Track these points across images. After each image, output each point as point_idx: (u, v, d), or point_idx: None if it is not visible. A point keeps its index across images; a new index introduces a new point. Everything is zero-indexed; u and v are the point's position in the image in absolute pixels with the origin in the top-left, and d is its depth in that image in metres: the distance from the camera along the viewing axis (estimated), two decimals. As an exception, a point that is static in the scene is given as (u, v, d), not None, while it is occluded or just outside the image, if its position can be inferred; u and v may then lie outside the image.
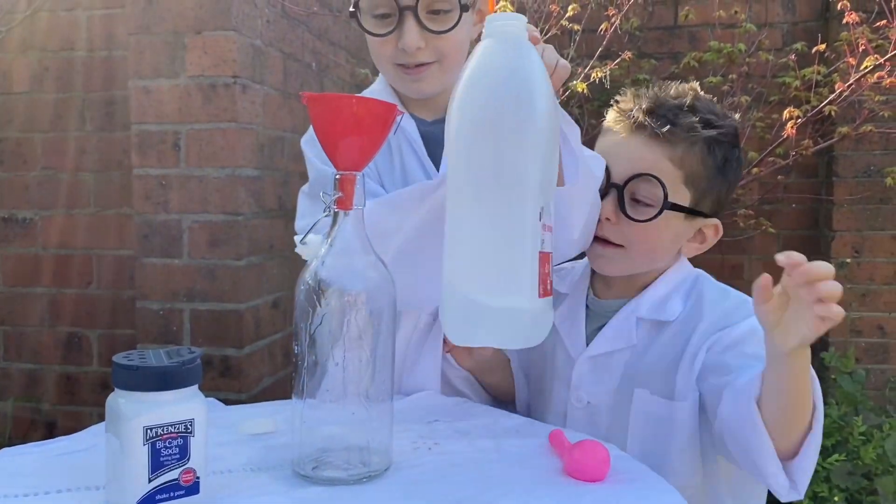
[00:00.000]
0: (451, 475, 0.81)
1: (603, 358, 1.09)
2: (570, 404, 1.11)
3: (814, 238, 2.68)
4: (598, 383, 1.09)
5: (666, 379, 1.04)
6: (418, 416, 1.01)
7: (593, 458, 0.80)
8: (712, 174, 1.06)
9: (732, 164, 1.08)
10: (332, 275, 0.79)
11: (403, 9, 1.04)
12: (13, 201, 2.40)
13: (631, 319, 1.08)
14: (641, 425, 1.05)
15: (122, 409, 0.68)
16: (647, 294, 1.10)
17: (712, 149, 1.05)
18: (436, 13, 1.05)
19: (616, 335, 1.09)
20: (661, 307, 1.08)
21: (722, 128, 1.06)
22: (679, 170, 1.05)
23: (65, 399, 2.41)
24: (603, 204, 1.06)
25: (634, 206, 1.05)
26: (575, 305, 1.16)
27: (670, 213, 1.04)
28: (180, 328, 2.00)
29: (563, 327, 1.14)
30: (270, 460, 0.84)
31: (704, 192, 1.06)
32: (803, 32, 2.63)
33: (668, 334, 1.06)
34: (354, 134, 0.80)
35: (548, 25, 2.30)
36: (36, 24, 2.33)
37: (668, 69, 2.62)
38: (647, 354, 1.07)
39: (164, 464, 0.69)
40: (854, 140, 2.44)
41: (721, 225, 1.11)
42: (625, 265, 1.10)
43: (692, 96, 1.09)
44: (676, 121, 1.04)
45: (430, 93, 1.13)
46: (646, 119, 1.05)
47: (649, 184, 1.03)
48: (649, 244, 1.07)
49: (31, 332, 2.42)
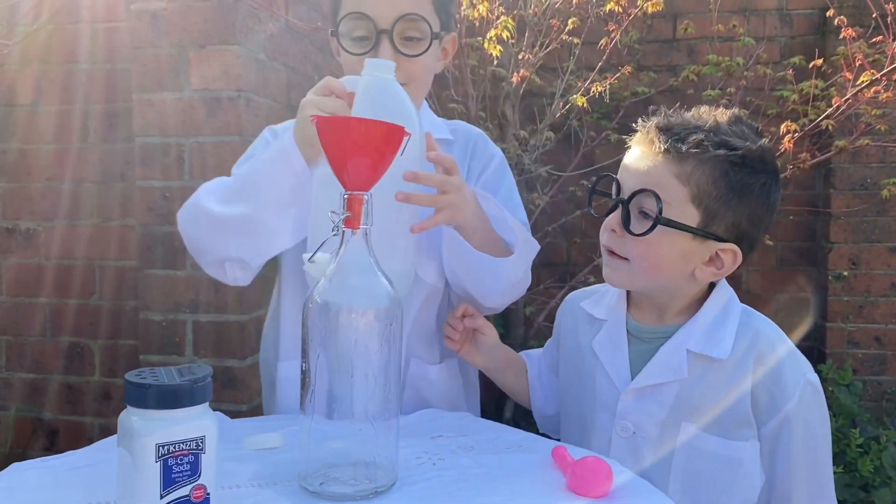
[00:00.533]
0: (456, 490, 0.82)
1: (650, 389, 1.07)
2: (614, 434, 1.09)
3: (811, 249, 2.70)
4: (645, 414, 1.08)
5: (717, 417, 1.04)
6: (422, 432, 1.02)
7: (596, 474, 0.81)
8: (726, 196, 1.02)
9: (754, 190, 1.03)
10: (340, 293, 0.81)
11: (380, 32, 1.16)
12: (16, 212, 2.42)
13: (681, 351, 1.06)
14: (685, 460, 1.04)
15: (135, 426, 0.70)
16: (695, 324, 1.08)
17: (726, 171, 1.01)
18: (409, 39, 1.18)
19: (665, 367, 1.07)
20: (711, 341, 1.06)
21: (739, 150, 1.02)
22: (685, 187, 1.02)
23: (66, 409, 2.41)
24: (611, 216, 1.08)
25: (639, 220, 1.05)
26: (615, 331, 1.15)
27: (670, 231, 1.02)
28: (182, 339, 2.01)
29: (604, 355, 1.14)
30: (278, 475, 0.85)
31: (715, 213, 1.03)
32: (801, 46, 2.66)
33: (721, 372, 1.05)
34: (362, 155, 0.82)
35: (548, 39, 2.32)
36: (40, 38, 2.34)
37: (666, 82, 2.64)
38: (698, 389, 1.05)
39: (175, 480, 0.70)
40: (851, 153, 2.46)
41: (740, 252, 1.06)
42: (628, 278, 1.10)
43: (727, 118, 1.06)
44: (686, 138, 1.02)
45: None
46: (658, 135, 1.05)
47: (649, 198, 1.03)
48: (650, 260, 1.06)
49: (33, 342, 2.43)
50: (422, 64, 1.20)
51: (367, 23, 1.16)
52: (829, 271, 2.57)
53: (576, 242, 2.76)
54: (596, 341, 1.16)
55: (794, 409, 1.02)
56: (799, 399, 1.02)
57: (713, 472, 1.04)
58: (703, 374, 1.05)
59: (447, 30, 1.26)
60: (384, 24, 1.15)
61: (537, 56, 2.32)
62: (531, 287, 2.56)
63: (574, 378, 1.19)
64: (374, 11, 1.15)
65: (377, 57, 1.15)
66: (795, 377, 1.03)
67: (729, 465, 1.03)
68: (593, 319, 1.19)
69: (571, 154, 2.59)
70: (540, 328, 2.49)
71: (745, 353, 1.05)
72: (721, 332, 1.06)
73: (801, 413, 1.02)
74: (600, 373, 1.13)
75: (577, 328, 1.22)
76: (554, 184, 2.45)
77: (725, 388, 1.04)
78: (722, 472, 1.04)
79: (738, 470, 1.04)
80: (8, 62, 2.38)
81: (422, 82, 1.24)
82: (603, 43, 2.29)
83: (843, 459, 2.20)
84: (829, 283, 2.58)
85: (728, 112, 1.08)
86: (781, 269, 2.70)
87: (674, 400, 1.06)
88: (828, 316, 2.58)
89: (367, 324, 0.80)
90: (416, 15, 1.16)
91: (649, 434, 1.07)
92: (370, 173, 0.83)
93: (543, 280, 2.69)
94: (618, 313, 1.16)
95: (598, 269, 2.46)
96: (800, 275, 2.70)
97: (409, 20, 1.16)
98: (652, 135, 1.06)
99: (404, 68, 1.17)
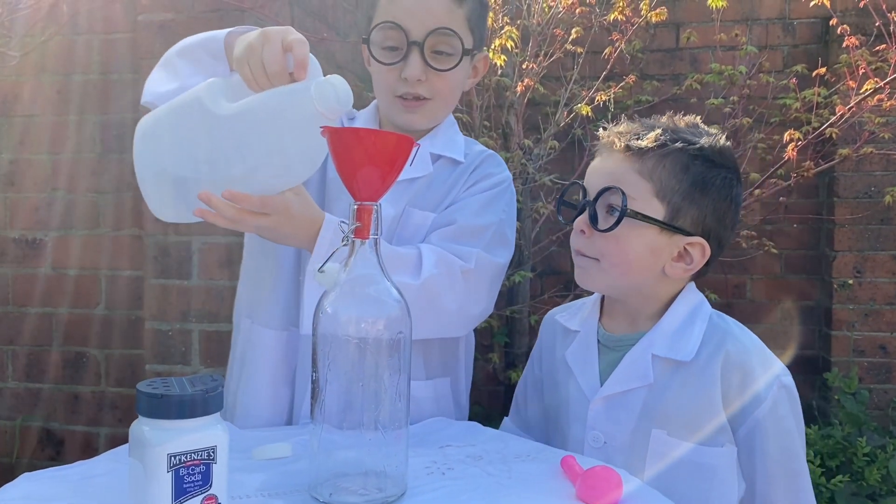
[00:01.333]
0: (466, 500, 0.82)
1: (618, 397, 1.07)
2: (586, 444, 1.09)
3: (815, 258, 2.70)
4: (614, 423, 1.07)
5: (687, 422, 1.03)
6: (430, 441, 1.03)
7: (606, 483, 0.81)
8: (689, 190, 1.05)
9: (715, 183, 1.06)
10: (350, 303, 0.81)
11: (411, 43, 1.15)
12: (24, 222, 2.43)
13: (646, 356, 1.07)
14: (658, 468, 1.03)
15: (147, 436, 0.70)
16: (660, 328, 1.08)
17: (686, 164, 1.05)
18: (439, 53, 1.17)
19: (631, 373, 1.07)
20: (676, 344, 1.06)
21: (697, 143, 1.06)
22: (648, 182, 1.05)
23: (72, 419, 2.42)
24: (579, 218, 1.09)
25: (606, 218, 1.07)
26: (586, 342, 1.15)
27: (637, 224, 1.04)
28: (189, 349, 2.01)
29: (576, 366, 1.14)
30: (287, 485, 0.85)
31: (679, 207, 1.05)
32: (803, 55, 2.67)
33: (689, 375, 1.04)
34: (372, 165, 0.82)
35: (552, 49, 2.33)
36: (48, 49, 2.36)
37: (669, 91, 2.65)
38: (666, 394, 1.05)
39: (187, 490, 0.70)
40: (854, 161, 2.47)
41: (707, 245, 1.07)
42: (600, 278, 1.10)
43: (684, 122, 1.11)
44: (645, 135, 1.06)
45: (420, 126, 1.24)
46: (618, 137, 1.08)
47: (614, 195, 1.05)
48: (620, 255, 1.06)
49: (39, 352, 2.44)
50: (450, 80, 1.20)
51: (399, 33, 1.16)
52: (834, 279, 2.57)
53: (580, 251, 2.76)
54: (568, 352, 1.16)
55: (767, 413, 1.02)
56: (772, 402, 1.02)
57: (688, 481, 1.02)
58: (671, 378, 1.05)
59: (479, 48, 1.26)
60: (416, 35, 1.16)
61: (541, 65, 2.33)
62: (535, 296, 2.58)
63: (552, 390, 1.19)
64: (407, 22, 1.15)
65: (406, 68, 1.16)
66: (767, 380, 1.03)
67: (703, 472, 1.02)
68: (568, 331, 1.19)
69: (575, 163, 2.59)
70: (545, 337, 2.49)
71: (713, 355, 1.05)
72: (687, 335, 1.07)
73: (774, 416, 1.02)
74: (572, 384, 1.14)
75: (554, 342, 1.22)
76: (558, 192, 2.45)
77: (694, 393, 1.04)
78: (697, 481, 1.02)
79: (713, 477, 1.02)
80: (15, 73, 2.39)
81: (447, 99, 1.24)
82: (606, 52, 2.30)
83: (850, 468, 2.20)
84: (833, 291, 2.57)
85: (684, 119, 1.12)
86: (786, 277, 2.70)
87: (642, 407, 1.06)
88: (833, 324, 2.58)
89: (377, 333, 0.81)
90: (448, 30, 1.16)
91: (620, 443, 1.06)
92: (379, 184, 0.84)
93: (548, 289, 2.69)
94: (590, 324, 1.17)
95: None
96: (804, 283, 2.70)
97: (442, 34, 1.16)
98: (612, 137, 1.09)
99: (431, 83, 1.18)
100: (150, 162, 1.06)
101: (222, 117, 0.97)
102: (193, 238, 2.00)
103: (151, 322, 2.04)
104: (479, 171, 1.27)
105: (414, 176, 1.22)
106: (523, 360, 2.43)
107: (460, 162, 1.26)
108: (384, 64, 1.19)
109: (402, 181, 1.18)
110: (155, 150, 1.06)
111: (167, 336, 2.03)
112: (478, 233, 1.19)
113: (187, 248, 2.00)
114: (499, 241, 1.22)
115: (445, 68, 1.18)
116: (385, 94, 1.23)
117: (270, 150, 0.96)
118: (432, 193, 1.24)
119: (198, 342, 2.00)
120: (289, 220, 1.01)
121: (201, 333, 2.00)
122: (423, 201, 1.23)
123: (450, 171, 1.26)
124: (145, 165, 1.07)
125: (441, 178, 1.25)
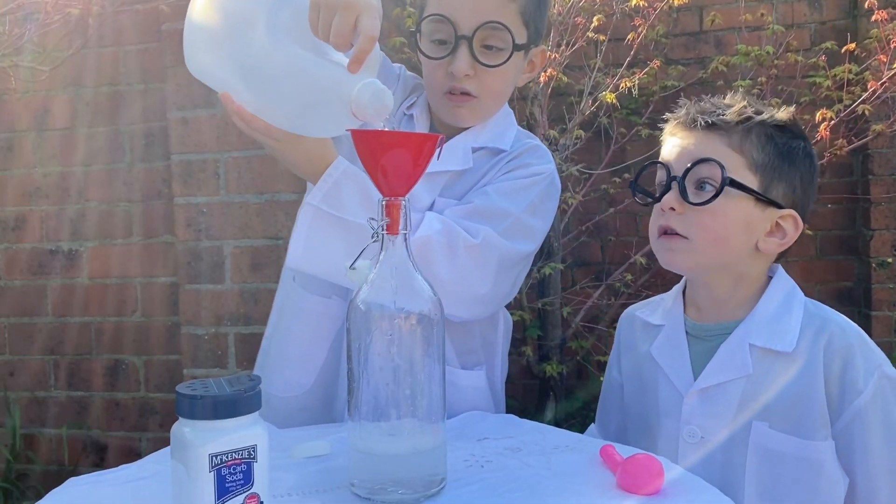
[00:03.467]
0: (506, 492, 0.82)
1: (715, 389, 1.03)
2: (681, 440, 1.05)
3: (852, 237, 2.65)
4: (711, 416, 1.03)
5: (790, 415, 0.99)
6: (468, 435, 1.03)
7: (647, 472, 0.80)
8: (777, 161, 1.04)
9: (799, 153, 1.06)
10: (382, 298, 0.81)
11: (460, 38, 1.12)
12: (58, 234, 2.47)
13: (743, 346, 1.02)
14: (760, 464, 0.99)
15: (188, 437, 0.71)
16: (755, 316, 1.04)
17: (771, 136, 1.04)
18: (489, 48, 1.14)
19: (728, 364, 1.03)
20: (775, 333, 1.02)
21: (775, 115, 1.06)
22: (740, 156, 1.03)
23: (114, 425, 2.46)
24: (667, 196, 1.05)
25: (698, 193, 1.04)
26: (674, 334, 1.11)
27: (735, 196, 1.02)
28: (225, 352, 2.03)
29: (664, 360, 1.10)
30: (328, 483, 0.86)
31: (772, 179, 1.04)
32: (832, 32, 2.61)
33: (790, 366, 1.01)
34: (398, 163, 0.83)
35: (574, 38, 2.32)
36: (76, 62, 2.40)
37: (695, 75, 2.61)
38: (766, 385, 1.01)
39: (229, 490, 0.71)
40: (889, 138, 2.41)
41: (799, 218, 1.06)
42: (691, 257, 1.05)
43: (744, 97, 1.10)
44: (726, 112, 1.05)
45: (467, 122, 1.21)
46: (698, 115, 1.06)
47: (709, 166, 1.02)
48: (715, 231, 1.03)
49: (80, 361, 2.48)
50: (500, 75, 1.17)
51: (448, 27, 1.13)
52: (872, 259, 2.52)
53: (610, 241, 2.74)
54: (654, 347, 1.12)
55: (868, 403, 0.97)
56: (873, 392, 0.97)
57: (793, 477, 0.98)
58: (770, 368, 1.01)
59: (535, 43, 1.21)
60: (465, 29, 1.12)
61: (564, 55, 2.31)
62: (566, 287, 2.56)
63: (637, 389, 1.16)
64: (456, 15, 1.12)
65: (454, 63, 1.13)
66: (868, 368, 0.98)
67: (809, 468, 0.98)
68: (650, 326, 1.16)
69: (602, 152, 2.57)
70: (578, 329, 2.48)
71: (814, 344, 1.00)
72: (785, 324, 1.03)
73: (875, 408, 0.97)
74: (661, 378, 1.10)
75: (635, 338, 1.18)
76: (585, 183, 2.44)
77: (796, 383, 0.99)
78: (803, 477, 0.98)
79: (820, 474, 0.98)
80: (45, 88, 2.44)
81: (496, 95, 1.20)
82: (629, 38, 2.28)
83: None
84: (872, 270, 2.52)
85: (739, 94, 1.11)
86: (822, 259, 2.65)
87: (740, 398, 1.01)
88: (872, 304, 2.53)
89: (410, 328, 0.81)
90: (498, 24, 1.12)
91: (718, 438, 1.02)
92: (405, 180, 0.84)
93: (579, 280, 2.67)
94: (675, 316, 1.13)
95: (635, 266, 2.45)
96: (841, 264, 2.65)
97: (492, 28, 1.12)
98: (692, 116, 1.07)
99: (480, 79, 1.15)
100: (199, 17, 1.01)
101: (270, 44, 0.93)
102: (225, 242, 2.02)
103: (187, 327, 2.07)
104: (517, 161, 1.22)
105: (450, 169, 1.19)
106: (557, 352, 2.42)
107: (504, 150, 1.23)
108: (431, 58, 1.16)
109: (437, 173, 1.16)
110: (206, 14, 1.00)
111: (203, 340, 2.05)
112: (495, 215, 1.13)
113: (219, 252, 2.03)
114: (520, 231, 1.15)
115: (495, 64, 1.14)
116: (433, 90, 1.20)
117: (290, 105, 0.95)
118: (464, 183, 1.21)
119: (233, 345, 2.03)
120: (296, 149, 1.00)
121: (236, 336, 2.02)
122: (455, 191, 1.21)
123: (489, 160, 1.23)
124: (193, 13, 1.01)
125: (479, 167, 1.22)
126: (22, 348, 2.52)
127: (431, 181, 1.18)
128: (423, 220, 1.08)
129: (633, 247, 2.56)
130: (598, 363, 2.48)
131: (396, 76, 1.27)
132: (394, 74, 1.27)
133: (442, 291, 1.10)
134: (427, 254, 1.04)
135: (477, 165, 1.22)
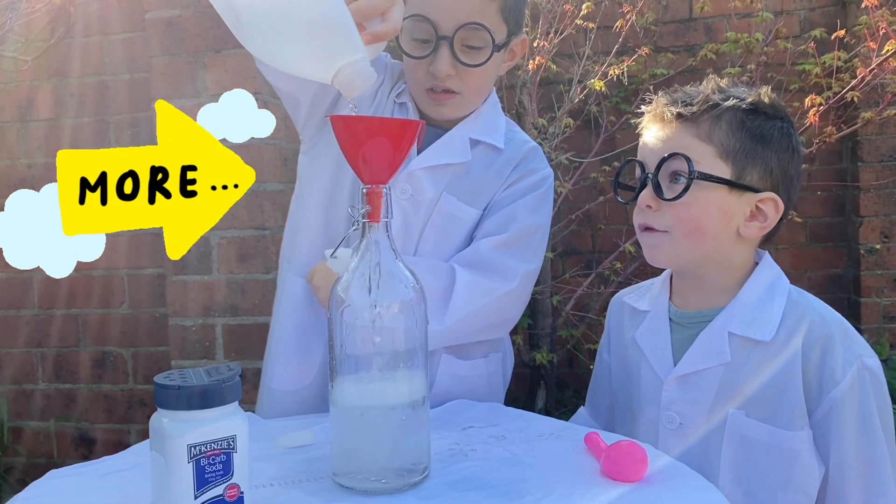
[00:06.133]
0: (491, 480, 0.81)
1: (694, 376, 1.03)
2: (661, 426, 1.06)
3: (841, 224, 2.65)
4: (689, 403, 1.04)
5: (767, 403, 0.99)
6: (452, 423, 1.02)
7: (631, 458, 0.80)
8: (750, 145, 1.03)
9: (774, 134, 1.04)
10: (364, 287, 0.81)
11: (440, 38, 1.13)
12: (44, 225, 2.45)
13: (722, 334, 1.03)
14: (736, 451, 1.00)
15: (166, 427, 0.70)
16: (737, 303, 1.04)
17: (742, 120, 1.03)
18: (470, 48, 1.14)
19: (707, 351, 1.03)
20: (754, 322, 1.02)
21: (746, 99, 1.04)
22: (709, 145, 1.03)
23: (102, 417, 2.45)
24: (643, 193, 1.06)
25: (671, 187, 1.04)
26: (657, 321, 1.12)
27: (707, 187, 1.01)
28: (213, 343, 2.02)
29: (647, 345, 1.11)
30: (311, 472, 0.85)
31: (746, 164, 1.03)
32: (821, 18, 2.61)
33: (769, 353, 1.00)
34: (378, 150, 0.82)
35: (562, 25, 2.30)
36: (59, 52, 2.37)
37: (685, 62, 2.60)
38: (744, 373, 1.01)
39: (208, 480, 0.70)
40: (878, 125, 2.41)
41: (779, 200, 1.05)
42: (673, 251, 1.06)
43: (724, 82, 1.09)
44: (694, 100, 1.04)
45: (450, 117, 1.23)
46: (666, 107, 1.06)
47: (677, 161, 1.02)
48: (692, 222, 1.03)
49: (67, 353, 2.47)
50: (481, 72, 1.17)
51: (428, 26, 1.13)
52: (861, 245, 2.52)
53: (600, 229, 2.74)
54: (638, 333, 1.13)
55: (845, 394, 0.96)
56: (851, 383, 0.96)
57: (767, 465, 0.98)
58: (748, 357, 1.01)
59: (515, 35, 1.22)
60: (446, 30, 1.12)
61: (552, 42, 2.30)
62: (556, 276, 2.56)
63: (623, 375, 1.16)
64: (436, 16, 1.12)
65: (434, 63, 1.13)
66: (848, 359, 0.98)
67: (784, 456, 0.98)
68: (637, 312, 1.16)
69: (592, 140, 2.56)
70: (568, 318, 2.48)
71: (793, 333, 1.00)
72: (766, 313, 1.02)
73: (852, 398, 0.96)
74: (644, 364, 1.10)
75: (622, 323, 1.19)
76: (575, 171, 2.43)
77: (774, 372, 0.99)
78: (777, 465, 0.98)
79: (794, 462, 0.98)
80: (28, 78, 2.41)
81: (478, 90, 1.21)
82: (618, 25, 2.27)
83: (884, 436, 2.16)
84: (861, 257, 2.53)
85: (723, 80, 1.10)
86: (812, 245, 2.66)
87: (718, 386, 1.02)
88: (861, 291, 2.54)
89: (392, 316, 0.80)
90: (479, 25, 1.12)
91: (696, 424, 1.03)
92: (386, 167, 0.83)
93: (569, 269, 2.67)
94: (660, 302, 1.13)
95: (625, 255, 2.45)
96: (830, 251, 2.65)
97: (472, 29, 1.12)
98: (661, 108, 1.07)
99: (461, 77, 1.16)
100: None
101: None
102: (211, 233, 2.01)
103: (174, 318, 2.06)
104: (523, 167, 1.24)
105: (452, 162, 1.20)
106: (547, 341, 2.42)
107: (500, 149, 1.24)
108: (413, 57, 1.17)
109: (439, 166, 1.20)
110: None
111: (191, 331, 2.04)
112: (529, 236, 1.20)
113: (206, 243, 2.01)
114: (542, 245, 1.23)
115: (476, 63, 1.14)
116: (415, 85, 1.21)
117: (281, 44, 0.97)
118: (470, 181, 1.22)
119: (221, 336, 2.02)
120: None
121: (224, 327, 2.01)
122: (460, 188, 1.21)
123: (490, 159, 1.23)
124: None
125: (480, 165, 1.23)
126: (8, 341, 2.51)
127: (435, 175, 1.20)
128: (456, 278, 1.14)
129: (622, 235, 2.56)
130: (589, 351, 2.48)
131: (385, 64, 1.27)
132: (382, 63, 1.26)
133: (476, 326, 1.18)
134: (462, 307, 1.13)
135: (478, 162, 1.23)
